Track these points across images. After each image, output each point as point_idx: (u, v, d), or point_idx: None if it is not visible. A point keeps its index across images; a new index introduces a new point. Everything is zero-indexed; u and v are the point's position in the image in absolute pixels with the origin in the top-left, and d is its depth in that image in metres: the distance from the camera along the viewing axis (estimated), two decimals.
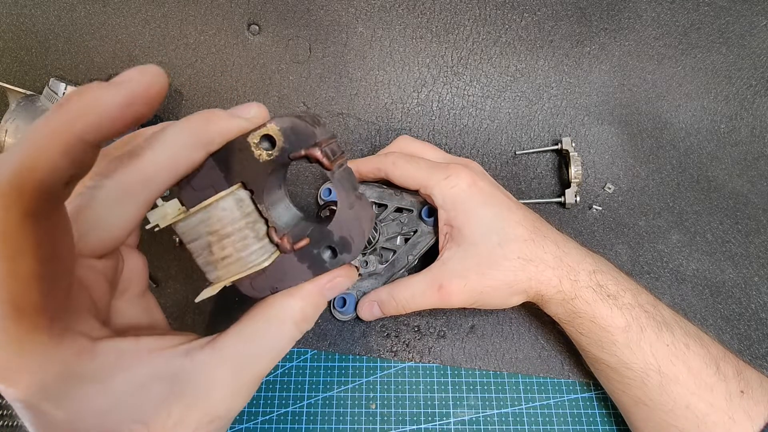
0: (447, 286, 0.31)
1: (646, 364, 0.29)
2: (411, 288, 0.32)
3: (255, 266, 0.19)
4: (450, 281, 0.31)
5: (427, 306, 0.32)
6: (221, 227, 0.19)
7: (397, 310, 0.33)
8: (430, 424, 0.35)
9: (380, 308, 0.34)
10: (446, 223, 0.33)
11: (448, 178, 0.32)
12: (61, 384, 0.15)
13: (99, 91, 0.13)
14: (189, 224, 0.19)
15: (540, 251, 0.31)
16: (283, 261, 0.20)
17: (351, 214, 0.20)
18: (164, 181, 0.17)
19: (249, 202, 0.19)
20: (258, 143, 0.19)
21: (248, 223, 0.19)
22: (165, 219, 0.19)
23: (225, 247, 0.19)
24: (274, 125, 0.19)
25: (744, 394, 0.28)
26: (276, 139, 0.19)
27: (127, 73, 0.14)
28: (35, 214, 0.13)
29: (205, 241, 0.19)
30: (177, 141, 0.17)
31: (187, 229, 0.19)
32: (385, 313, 0.34)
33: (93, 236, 0.17)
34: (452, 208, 0.32)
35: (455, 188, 0.32)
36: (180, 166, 0.17)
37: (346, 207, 0.20)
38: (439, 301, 0.32)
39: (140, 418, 0.16)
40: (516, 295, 0.32)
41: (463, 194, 0.32)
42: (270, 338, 0.19)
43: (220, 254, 0.19)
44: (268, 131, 0.19)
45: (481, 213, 0.31)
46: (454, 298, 0.31)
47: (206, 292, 0.19)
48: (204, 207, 0.18)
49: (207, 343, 0.18)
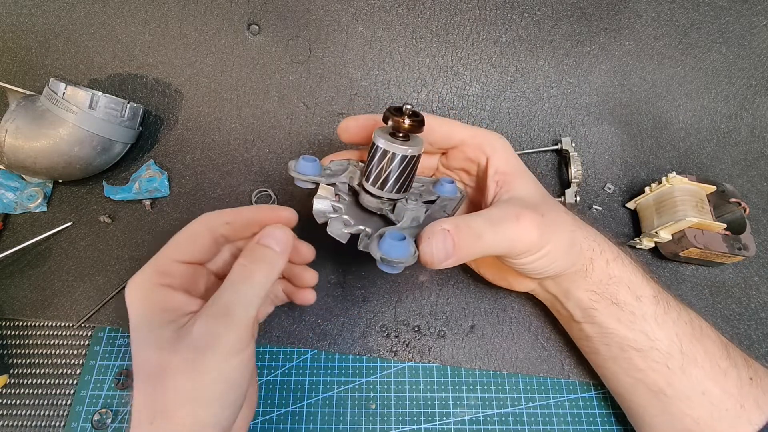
0: (524, 216, 0.27)
1: (671, 342, 0.29)
2: (484, 215, 0.27)
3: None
4: (525, 212, 0.27)
5: (501, 242, 0.27)
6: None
7: (471, 241, 0.26)
8: (430, 424, 0.35)
9: (453, 238, 0.26)
10: (499, 171, 0.31)
11: (494, 133, 0.32)
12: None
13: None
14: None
15: (573, 215, 0.32)
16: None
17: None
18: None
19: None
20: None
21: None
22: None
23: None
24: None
25: (753, 382, 0.28)
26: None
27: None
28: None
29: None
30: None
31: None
32: (458, 246, 0.25)
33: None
34: (505, 158, 0.31)
35: (503, 140, 0.32)
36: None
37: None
38: (515, 235, 0.27)
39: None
40: (575, 246, 0.30)
41: (510, 149, 0.32)
42: (236, 288, 0.24)
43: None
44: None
45: (526, 171, 0.32)
46: (531, 231, 0.27)
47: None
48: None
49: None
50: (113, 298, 0.39)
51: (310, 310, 0.38)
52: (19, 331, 0.38)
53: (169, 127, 0.47)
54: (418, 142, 0.27)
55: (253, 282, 0.24)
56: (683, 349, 0.29)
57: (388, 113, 0.26)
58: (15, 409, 0.36)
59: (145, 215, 0.42)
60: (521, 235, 0.27)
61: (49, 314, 0.38)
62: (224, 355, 0.23)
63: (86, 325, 0.38)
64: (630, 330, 0.30)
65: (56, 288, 0.39)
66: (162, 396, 0.23)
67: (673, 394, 0.29)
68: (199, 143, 0.46)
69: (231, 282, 0.24)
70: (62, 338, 0.38)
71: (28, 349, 0.38)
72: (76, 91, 0.39)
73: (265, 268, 0.25)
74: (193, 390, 0.23)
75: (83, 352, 0.37)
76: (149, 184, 0.42)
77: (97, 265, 0.40)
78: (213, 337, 0.23)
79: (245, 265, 0.25)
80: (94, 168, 0.42)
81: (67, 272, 0.40)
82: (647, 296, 0.30)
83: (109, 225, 0.42)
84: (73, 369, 0.37)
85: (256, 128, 0.46)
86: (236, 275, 0.25)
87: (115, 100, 0.40)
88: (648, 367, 0.30)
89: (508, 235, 0.27)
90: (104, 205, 0.43)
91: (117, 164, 0.44)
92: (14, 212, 0.42)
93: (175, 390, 0.23)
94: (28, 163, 0.39)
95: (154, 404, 0.23)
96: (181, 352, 0.23)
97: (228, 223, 0.28)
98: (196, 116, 0.47)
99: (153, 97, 0.47)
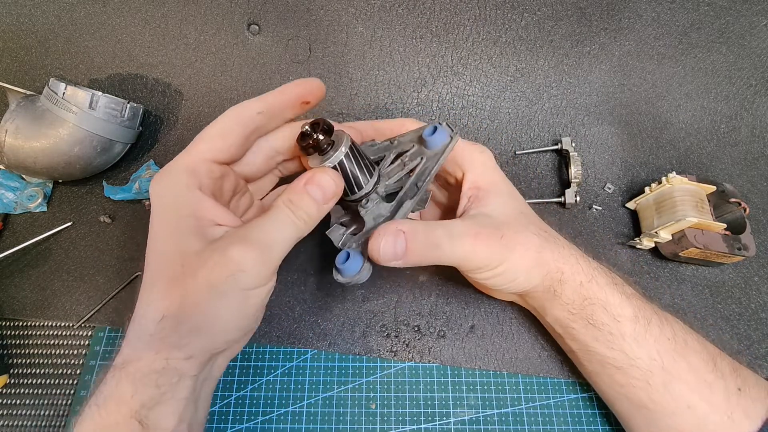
0: (482, 234, 0.28)
1: (651, 360, 0.28)
2: (446, 226, 0.28)
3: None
4: (484, 229, 0.28)
5: (455, 255, 0.28)
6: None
7: (425, 248, 0.27)
8: (430, 424, 0.35)
9: (406, 241, 0.26)
10: (473, 186, 0.31)
11: (476, 145, 0.32)
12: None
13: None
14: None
15: (555, 235, 0.31)
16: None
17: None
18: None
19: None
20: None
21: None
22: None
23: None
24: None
25: (741, 392, 0.28)
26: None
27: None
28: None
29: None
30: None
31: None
32: (410, 250, 0.26)
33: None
34: (482, 172, 0.31)
35: (484, 154, 0.32)
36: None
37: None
38: (471, 250, 0.28)
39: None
40: (538, 267, 0.30)
41: (490, 162, 0.32)
42: (277, 221, 0.25)
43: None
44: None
45: (504, 187, 0.32)
46: (486, 249, 0.28)
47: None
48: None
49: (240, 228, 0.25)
50: (113, 298, 0.39)
51: (310, 309, 0.38)
52: (19, 331, 0.38)
53: (169, 127, 0.47)
54: (340, 142, 0.27)
55: (296, 227, 0.25)
56: (665, 366, 0.28)
57: (302, 145, 0.27)
58: (15, 409, 0.36)
59: (145, 215, 0.42)
60: (475, 252, 0.28)
61: (49, 314, 0.38)
62: (254, 285, 0.24)
63: (86, 325, 0.38)
64: (608, 349, 0.30)
65: (56, 288, 0.39)
66: (182, 299, 0.23)
67: (656, 408, 0.29)
68: None
69: (274, 219, 0.25)
70: (62, 338, 0.38)
71: (28, 349, 0.38)
72: (76, 91, 0.39)
73: (308, 219, 0.26)
74: (214, 307, 0.23)
75: (83, 352, 0.37)
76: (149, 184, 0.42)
77: (97, 265, 0.40)
78: (250, 266, 0.24)
79: (292, 210, 0.25)
80: (94, 168, 0.42)
81: (67, 272, 0.40)
82: (625, 316, 0.29)
83: (109, 225, 0.42)
84: (73, 369, 0.37)
85: None
86: (282, 216, 0.25)
87: (115, 100, 0.40)
88: (628, 383, 0.30)
89: (463, 249, 0.28)
90: (104, 205, 0.43)
91: (117, 164, 0.44)
92: (14, 212, 0.42)
93: (196, 304, 0.23)
94: (28, 163, 0.39)
95: (169, 305, 0.23)
96: (211, 269, 0.23)
97: (260, 113, 0.27)
98: (196, 116, 0.47)
99: (153, 97, 0.47)
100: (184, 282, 0.23)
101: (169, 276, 0.24)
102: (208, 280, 0.23)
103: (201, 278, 0.23)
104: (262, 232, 0.25)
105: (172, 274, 0.24)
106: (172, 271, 0.24)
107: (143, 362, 0.23)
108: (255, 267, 0.24)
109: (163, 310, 0.23)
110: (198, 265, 0.23)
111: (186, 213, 0.25)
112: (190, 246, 0.24)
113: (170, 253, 0.24)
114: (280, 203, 0.25)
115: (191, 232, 0.24)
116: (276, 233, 0.25)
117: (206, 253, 0.24)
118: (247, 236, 0.24)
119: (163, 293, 0.24)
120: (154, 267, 0.25)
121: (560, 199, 0.42)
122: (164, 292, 0.24)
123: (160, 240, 0.25)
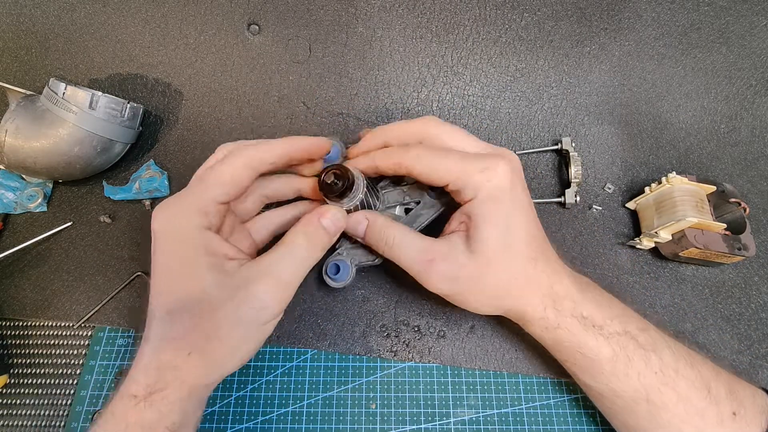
0: (438, 266, 0.29)
1: (635, 392, 0.28)
2: (407, 238, 0.30)
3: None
4: (444, 262, 0.29)
5: (405, 266, 0.31)
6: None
7: (379, 241, 0.31)
8: (430, 424, 0.35)
9: (367, 229, 0.32)
10: (466, 213, 0.30)
11: (484, 171, 0.28)
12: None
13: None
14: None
15: (536, 274, 0.29)
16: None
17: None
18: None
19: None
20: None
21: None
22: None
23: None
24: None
25: (736, 416, 0.27)
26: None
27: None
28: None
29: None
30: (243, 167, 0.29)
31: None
32: (367, 237, 0.32)
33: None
34: (479, 203, 0.29)
35: (491, 182, 0.28)
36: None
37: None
38: (420, 273, 0.30)
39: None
40: (496, 308, 0.31)
41: (496, 192, 0.29)
42: (295, 255, 0.27)
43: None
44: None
45: (501, 221, 0.29)
46: (436, 281, 0.30)
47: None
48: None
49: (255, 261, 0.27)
50: (113, 298, 0.39)
51: (310, 309, 0.38)
52: (19, 331, 0.38)
53: (169, 127, 0.47)
54: (357, 185, 0.31)
55: (312, 259, 0.28)
56: (650, 399, 0.28)
57: (325, 194, 0.31)
58: (15, 409, 0.36)
59: (145, 215, 0.42)
60: (423, 277, 0.30)
61: (49, 314, 0.38)
62: (273, 318, 0.27)
63: (86, 325, 0.38)
64: (592, 380, 0.30)
65: (56, 288, 0.39)
66: (209, 334, 0.25)
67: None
68: (199, 143, 0.46)
69: (293, 255, 0.27)
70: (62, 338, 0.38)
71: (28, 349, 0.38)
72: (76, 91, 0.39)
73: (321, 248, 0.29)
74: (237, 341, 0.26)
75: (83, 352, 0.37)
76: (149, 184, 0.42)
77: (97, 265, 0.40)
78: (273, 302, 0.26)
79: (304, 242, 0.28)
80: (94, 168, 0.42)
81: (67, 272, 0.40)
82: (604, 357, 0.29)
83: (109, 225, 0.42)
84: (73, 369, 0.37)
85: (256, 128, 0.46)
86: (300, 251, 0.28)
87: (115, 100, 0.40)
88: (613, 412, 0.30)
89: (414, 267, 0.30)
90: (104, 205, 0.43)
91: (117, 164, 0.44)
92: (14, 212, 0.42)
93: (221, 339, 0.25)
94: (28, 163, 0.39)
95: (196, 340, 0.25)
96: (238, 306, 0.25)
97: (272, 164, 0.29)
98: (196, 116, 0.47)
99: (153, 97, 0.47)
100: (210, 317, 0.25)
101: (193, 312, 0.25)
102: (236, 316, 0.25)
103: (226, 314, 0.25)
104: (283, 269, 0.27)
105: (197, 310, 0.25)
106: (195, 307, 0.25)
107: (170, 391, 0.24)
108: (277, 303, 0.26)
109: (190, 347, 0.25)
110: (222, 301, 0.25)
111: (202, 252, 0.26)
112: (210, 282, 0.25)
113: (190, 290, 0.25)
114: (297, 239, 0.28)
115: (209, 269, 0.26)
116: (294, 268, 0.27)
117: (229, 290, 0.25)
118: (268, 272, 0.26)
119: (188, 329, 0.25)
120: (174, 304, 0.25)
121: (560, 199, 0.42)
122: (190, 328, 0.25)
123: (175, 277, 0.26)
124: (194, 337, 0.25)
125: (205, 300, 0.25)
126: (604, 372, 0.29)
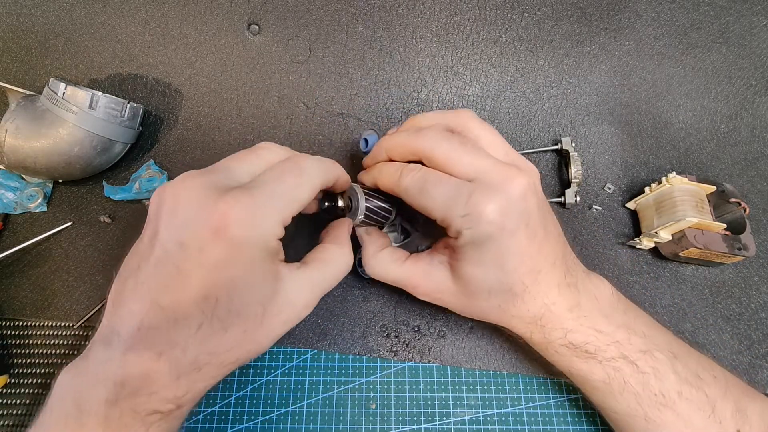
0: (422, 286, 0.31)
1: (631, 410, 0.28)
2: (394, 257, 0.32)
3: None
4: (429, 281, 0.31)
5: (377, 275, 0.33)
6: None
7: (373, 269, 0.33)
8: (430, 424, 0.35)
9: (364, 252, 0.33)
10: (452, 251, 0.29)
11: (465, 217, 0.26)
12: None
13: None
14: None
15: (523, 305, 0.28)
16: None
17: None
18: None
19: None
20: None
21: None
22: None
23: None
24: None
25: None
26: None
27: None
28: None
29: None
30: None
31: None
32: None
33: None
34: (461, 246, 0.28)
35: (471, 230, 0.27)
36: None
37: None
38: (405, 287, 0.32)
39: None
40: (485, 320, 0.32)
41: (477, 237, 0.27)
42: (332, 266, 0.29)
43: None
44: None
45: (484, 261, 0.27)
46: (420, 293, 0.32)
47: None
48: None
49: (297, 267, 0.27)
50: None
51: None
52: (19, 331, 0.38)
53: (169, 127, 0.47)
54: (356, 200, 0.32)
55: (342, 271, 0.30)
56: (647, 417, 0.28)
57: (328, 216, 0.33)
58: (15, 409, 0.36)
59: (145, 215, 0.42)
60: (408, 289, 0.32)
61: (49, 314, 0.38)
62: (297, 320, 0.27)
63: (86, 325, 0.38)
64: (587, 394, 0.31)
65: (56, 288, 0.39)
66: (261, 341, 0.26)
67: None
68: (199, 143, 0.46)
69: (326, 263, 0.29)
70: (62, 338, 0.38)
71: (28, 349, 0.38)
72: (76, 91, 0.39)
73: (346, 265, 0.31)
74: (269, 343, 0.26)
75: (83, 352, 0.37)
76: (149, 184, 0.42)
77: (97, 265, 0.40)
78: (306, 311, 0.27)
79: (334, 257, 0.30)
80: (94, 168, 0.42)
81: (67, 272, 0.40)
82: (596, 379, 0.29)
83: (109, 225, 0.42)
84: None
85: (256, 128, 0.46)
86: (332, 263, 0.29)
87: (115, 100, 0.40)
88: (611, 420, 0.30)
89: (401, 284, 0.32)
90: (104, 205, 0.43)
91: (117, 164, 0.44)
92: (14, 212, 0.42)
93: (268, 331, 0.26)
94: (28, 163, 0.39)
95: (239, 352, 0.25)
96: (285, 321, 0.26)
97: (333, 183, 0.31)
98: (196, 116, 0.47)
99: (153, 97, 0.47)
100: (264, 324, 0.25)
101: (246, 326, 0.25)
102: (281, 322, 0.26)
103: (273, 324, 0.26)
104: (323, 274, 0.28)
105: (255, 317, 0.25)
106: (254, 315, 0.25)
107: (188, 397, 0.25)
108: (308, 310, 0.28)
109: (236, 358, 0.26)
110: (275, 310, 0.26)
111: (277, 259, 0.27)
112: (268, 293, 0.26)
113: (247, 299, 0.25)
114: (329, 246, 0.30)
115: (272, 275, 0.26)
116: (330, 275, 0.29)
117: (279, 299, 0.26)
118: (310, 278, 0.28)
119: (239, 341, 0.25)
120: (238, 311, 0.24)
121: (560, 199, 0.42)
122: (241, 340, 0.25)
123: (239, 286, 0.24)
124: (240, 352, 0.25)
125: (261, 312, 0.25)
126: (597, 390, 0.29)
